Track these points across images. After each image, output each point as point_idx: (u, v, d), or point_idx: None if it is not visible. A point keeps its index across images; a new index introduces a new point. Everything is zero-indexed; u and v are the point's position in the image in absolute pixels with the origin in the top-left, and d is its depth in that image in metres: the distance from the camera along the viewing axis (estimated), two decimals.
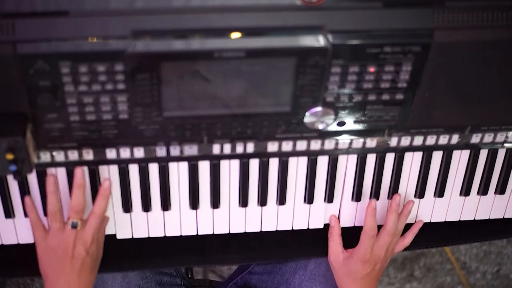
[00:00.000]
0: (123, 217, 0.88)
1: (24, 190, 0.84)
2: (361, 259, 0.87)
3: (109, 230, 0.89)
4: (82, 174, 0.82)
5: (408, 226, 0.93)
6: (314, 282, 0.99)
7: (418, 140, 0.85)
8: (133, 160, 0.82)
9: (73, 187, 0.81)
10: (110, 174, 0.84)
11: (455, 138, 0.86)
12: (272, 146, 0.83)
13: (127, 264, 0.92)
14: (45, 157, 0.79)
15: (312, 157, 0.86)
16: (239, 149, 0.82)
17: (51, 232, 0.81)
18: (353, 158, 0.88)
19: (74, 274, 0.80)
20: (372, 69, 0.73)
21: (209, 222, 0.91)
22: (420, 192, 0.92)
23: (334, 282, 0.97)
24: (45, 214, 0.85)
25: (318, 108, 0.77)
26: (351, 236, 0.95)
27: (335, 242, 0.91)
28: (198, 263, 0.96)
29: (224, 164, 0.86)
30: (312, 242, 0.95)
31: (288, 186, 0.89)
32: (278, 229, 0.93)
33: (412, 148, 0.87)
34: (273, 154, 0.84)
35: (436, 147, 0.87)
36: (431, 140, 0.85)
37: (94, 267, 0.83)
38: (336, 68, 0.73)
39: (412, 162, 0.90)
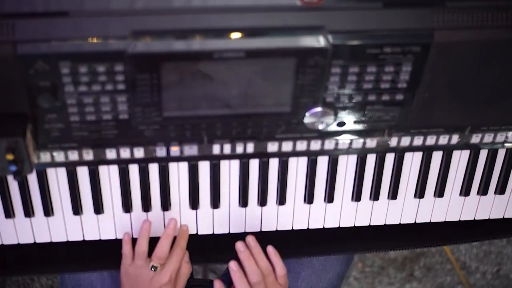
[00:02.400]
0: (123, 217, 0.88)
1: (24, 191, 0.84)
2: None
3: (109, 230, 0.89)
4: (175, 226, 0.86)
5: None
6: (302, 267, 1.01)
7: (418, 140, 0.85)
8: (133, 160, 0.82)
9: (163, 236, 0.85)
10: (110, 174, 0.84)
11: (455, 138, 0.86)
12: (272, 146, 0.83)
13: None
14: (45, 157, 0.79)
15: (312, 157, 0.86)
16: (239, 149, 0.82)
17: (134, 264, 0.85)
18: (353, 158, 0.88)
19: None
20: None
21: (209, 222, 0.91)
22: (420, 192, 0.92)
23: (320, 266, 1.00)
24: (45, 214, 0.86)
25: (318, 108, 0.77)
26: (351, 236, 0.95)
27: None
28: (197, 262, 0.96)
29: (224, 164, 0.86)
30: (312, 242, 0.95)
31: (288, 186, 0.89)
32: (278, 229, 0.93)
33: (412, 148, 0.87)
34: (273, 154, 0.84)
35: (436, 147, 0.87)
36: (431, 140, 0.86)
37: None
38: (336, 68, 0.73)
39: (412, 162, 0.90)
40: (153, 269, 0.84)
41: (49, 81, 0.70)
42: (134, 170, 0.84)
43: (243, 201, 0.89)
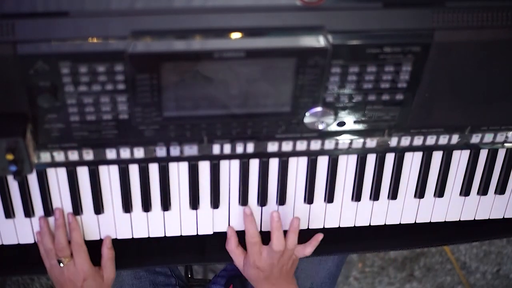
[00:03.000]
0: (123, 217, 0.88)
1: (24, 191, 0.84)
2: (252, 265, 0.88)
3: (109, 230, 0.89)
4: (60, 214, 0.85)
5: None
6: (300, 259, 1.00)
7: (418, 140, 0.85)
8: (133, 160, 0.82)
9: (55, 227, 0.85)
10: (110, 174, 0.84)
11: (455, 138, 0.86)
12: (272, 146, 0.83)
13: (127, 263, 0.92)
14: (45, 157, 0.79)
15: (312, 157, 0.86)
16: (239, 149, 0.82)
17: (51, 267, 0.86)
18: (353, 158, 0.88)
19: None
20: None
21: (209, 222, 0.91)
22: (420, 192, 0.92)
23: (318, 256, 1.00)
24: (45, 214, 0.86)
25: (318, 108, 0.77)
26: (351, 236, 0.95)
27: (235, 254, 0.91)
28: (198, 262, 0.96)
29: (224, 164, 0.86)
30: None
31: (288, 186, 0.89)
32: None
33: (412, 148, 0.87)
34: (273, 154, 0.84)
35: (436, 147, 0.87)
36: (431, 140, 0.86)
37: None
38: (336, 68, 0.73)
39: (412, 162, 0.90)
40: (60, 263, 0.84)
41: (49, 81, 0.70)
42: (134, 170, 0.84)
43: (243, 201, 0.89)
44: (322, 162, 0.88)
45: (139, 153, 0.81)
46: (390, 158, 0.89)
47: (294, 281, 0.93)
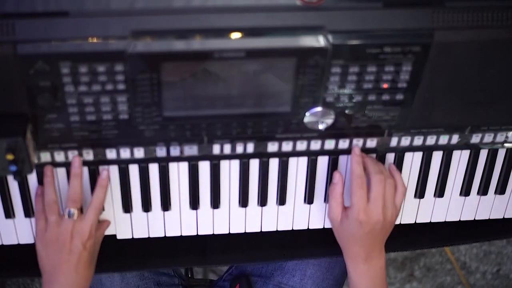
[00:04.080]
0: (123, 217, 0.88)
1: (24, 191, 0.84)
2: (356, 217, 0.80)
3: (109, 230, 0.89)
4: (79, 163, 0.81)
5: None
6: (307, 265, 1.00)
7: (418, 140, 0.85)
8: (133, 160, 0.82)
9: (70, 176, 0.81)
10: (110, 174, 0.84)
11: (455, 138, 0.86)
12: (272, 146, 0.83)
13: (127, 265, 0.92)
14: (45, 157, 0.79)
15: (312, 157, 0.86)
16: (239, 149, 0.82)
17: (49, 225, 0.80)
18: None
19: (71, 268, 0.79)
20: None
21: (209, 222, 0.91)
22: (420, 192, 0.92)
23: (326, 264, 0.97)
24: None
25: (318, 108, 0.77)
26: None
27: (336, 201, 0.84)
28: (198, 264, 0.96)
29: (224, 164, 0.86)
30: (312, 242, 0.95)
31: (288, 186, 0.89)
32: (278, 229, 0.93)
33: (412, 148, 0.87)
34: (273, 154, 0.84)
35: (436, 147, 0.87)
36: (431, 140, 0.86)
37: (91, 262, 0.83)
38: (336, 68, 0.73)
39: (412, 162, 0.90)
40: (70, 216, 0.79)
41: (49, 81, 0.70)
42: (134, 170, 0.84)
43: (243, 201, 0.89)
44: (322, 162, 0.88)
45: (139, 153, 0.81)
46: (390, 158, 0.89)
47: (384, 253, 0.85)
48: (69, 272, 0.79)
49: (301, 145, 0.83)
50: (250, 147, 0.82)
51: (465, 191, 0.93)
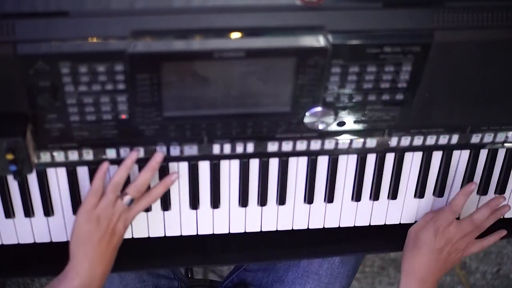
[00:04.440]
0: None
1: (24, 191, 0.84)
2: (435, 230, 0.86)
3: None
4: (161, 159, 0.81)
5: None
6: (307, 279, 1.00)
7: (418, 140, 0.85)
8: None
9: (146, 168, 0.81)
10: (110, 174, 0.84)
11: (455, 138, 0.86)
12: (272, 146, 0.83)
13: (127, 265, 0.92)
14: (45, 157, 0.79)
15: (312, 157, 0.86)
16: (239, 149, 0.82)
17: (104, 201, 0.79)
18: (353, 158, 0.88)
19: (109, 250, 0.79)
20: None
21: (209, 222, 0.91)
22: (420, 192, 0.92)
23: (326, 279, 0.97)
24: (45, 214, 0.86)
25: (318, 108, 0.77)
26: (350, 236, 0.95)
27: (431, 212, 0.91)
28: (198, 263, 0.96)
29: (224, 164, 0.86)
30: (312, 242, 0.95)
31: (288, 186, 0.89)
32: (278, 229, 0.93)
33: (412, 148, 0.87)
34: (273, 154, 0.84)
35: (436, 147, 0.87)
36: (431, 140, 0.86)
37: (117, 249, 0.82)
38: (336, 68, 0.73)
39: (412, 162, 0.90)
40: (127, 203, 0.80)
41: (49, 81, 0.70)
42: (134, 170, 0.84)
43: (243, 201, 0.89)
44: (322, 162, 0.88)
45: (139, 153, 0.81)
46: (390, 158, 0.89)
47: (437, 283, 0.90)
48: (100, 252, 0.79)
49: (301, 145, 0.83)
50: (250, 147, 0.82)
51: None
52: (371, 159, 0.88)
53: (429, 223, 0.88)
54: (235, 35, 0.69)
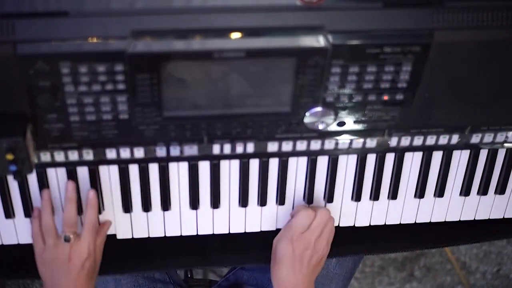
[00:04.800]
0: (123, 217, 0.88)
1: (24, 191, 0.84)
2: (290, 238, 0.84)
3: (109, 230, 0.89)
4: (73, 188, 0.82)
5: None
6: None
7: (418, 140, 0.85)
8: (133, 160, 0.82)
9: (65, 201, 0.82)
10: (110, 174, 0.84)
11: (455, 138, 0.86)
12: (272, 146, 0.83)
13: (127, 265, 0.92)
14: (45, 157, 0.79)
15: (312, 157, 0.86)
16: (239, 149, 0.82)
17: (46, 248, 0.81)
18: (353, 158, 0.88)
19: (71, 286, 0.80)
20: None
21: (209, 222, 0.91)
22: (420, 192, 0.92)
23: (322, 279, 0.98)
24: None
25: (318, 108, 0.77)
26: (350, 235, 0.95)
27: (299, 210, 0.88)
28: (198, 264, 0.96)
29: (224, 164, 0.86)
30: None
31: (288, 186, 0.89)
32: (278, 229, 0.93)
33: (412, 148, 0.87)
34: (273, 154, 0.84)
35: (436, 147, 0.87)
36: (431, 140, 0.86)
37: (92, 277, 0.83)
38: (336, 68, 0.73)
39: (412, 162, 0.90)
40: (66, 240, 0.80)
41: (49, 81, 0.70)
42: (134, 170, 0.84)
43: (243, 201, 0.89)
44: (322, 162, 0.88)
45: (139, 153, 0.81)
46: (390, 158, 0.89)
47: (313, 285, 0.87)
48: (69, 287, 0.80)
49: (301, 145, 0.83)
50: (250, 147, 0.82)
51: (465, 191, 0.93)
52: (371, 159, 0.88)
53: (284, 233, 0.86)
54: (235, 35, 0.69)
